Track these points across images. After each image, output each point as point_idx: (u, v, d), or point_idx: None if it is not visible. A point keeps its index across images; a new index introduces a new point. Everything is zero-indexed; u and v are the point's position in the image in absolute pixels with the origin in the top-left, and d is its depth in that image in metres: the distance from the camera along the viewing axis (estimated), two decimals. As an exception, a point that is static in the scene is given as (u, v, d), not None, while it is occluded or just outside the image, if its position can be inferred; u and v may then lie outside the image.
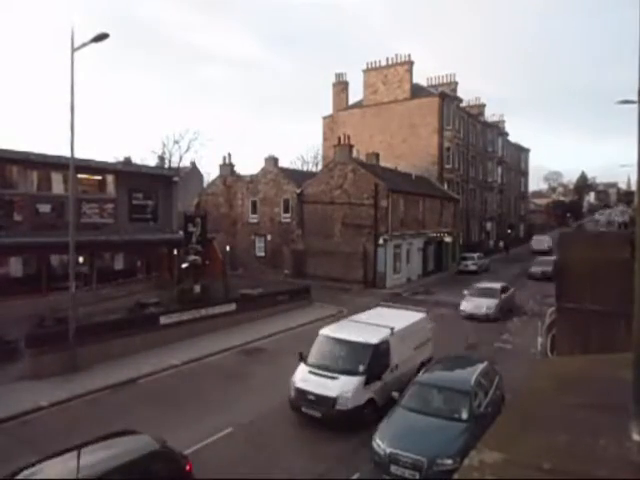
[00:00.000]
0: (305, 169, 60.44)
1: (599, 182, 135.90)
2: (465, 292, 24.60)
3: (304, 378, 11.60)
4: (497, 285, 24.55)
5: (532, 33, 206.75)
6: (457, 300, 27.24)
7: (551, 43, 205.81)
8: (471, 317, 22.46)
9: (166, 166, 52.53)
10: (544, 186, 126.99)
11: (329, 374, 11.37)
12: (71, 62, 14.60)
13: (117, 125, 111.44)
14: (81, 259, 18.32)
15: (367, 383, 11.10)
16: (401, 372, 12.22)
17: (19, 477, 6.89)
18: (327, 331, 12.96)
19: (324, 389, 11.02)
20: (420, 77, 48.86)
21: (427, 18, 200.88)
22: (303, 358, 12.34)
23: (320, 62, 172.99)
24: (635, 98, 2.00)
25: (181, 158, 57.14)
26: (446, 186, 44.24)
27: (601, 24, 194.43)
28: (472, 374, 10.74)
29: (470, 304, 23.12)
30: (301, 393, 11.38)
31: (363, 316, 14.35)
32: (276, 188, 37.67)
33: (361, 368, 11.25)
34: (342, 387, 10.92)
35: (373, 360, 11.44)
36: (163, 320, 18.42)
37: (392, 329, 12.31)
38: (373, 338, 11.89)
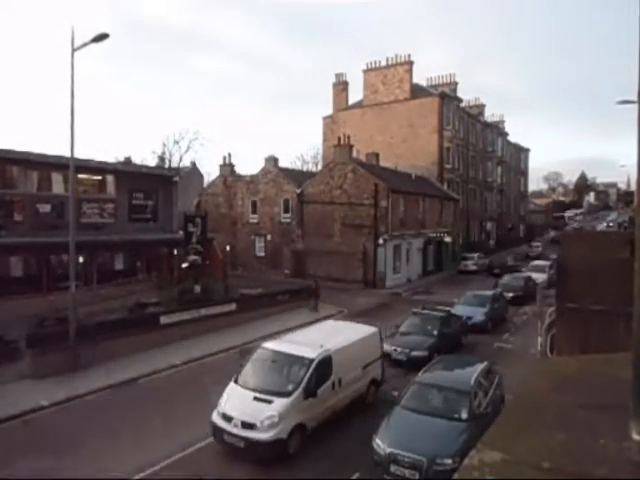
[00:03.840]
0: (305, 169, 60.44)
1: (599, 182, 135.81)
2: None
3: None
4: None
5: (534, 32, 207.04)
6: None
7: (551, 43, 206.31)
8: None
9: (166, 166, 52.53)
10: (544, 186, 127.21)
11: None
12: (71, 62, 14.60)
13: (117, 125, 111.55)
14: (81, 259, 18.32)
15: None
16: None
17: None
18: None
19: None
20: (421, 76, 48.94)
21: (430, 14, 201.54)
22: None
23: (319, 61, 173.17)
24: (635, 98, 2.01)
25: (181, 158, 57.15)
26: (446, 186, 44.25)
27: (601, 24, 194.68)
28: (472, 374, 10.77)
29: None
30: None
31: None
32: (276, 188, 37.66)
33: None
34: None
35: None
36: (163, 320, 18.42)
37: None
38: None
